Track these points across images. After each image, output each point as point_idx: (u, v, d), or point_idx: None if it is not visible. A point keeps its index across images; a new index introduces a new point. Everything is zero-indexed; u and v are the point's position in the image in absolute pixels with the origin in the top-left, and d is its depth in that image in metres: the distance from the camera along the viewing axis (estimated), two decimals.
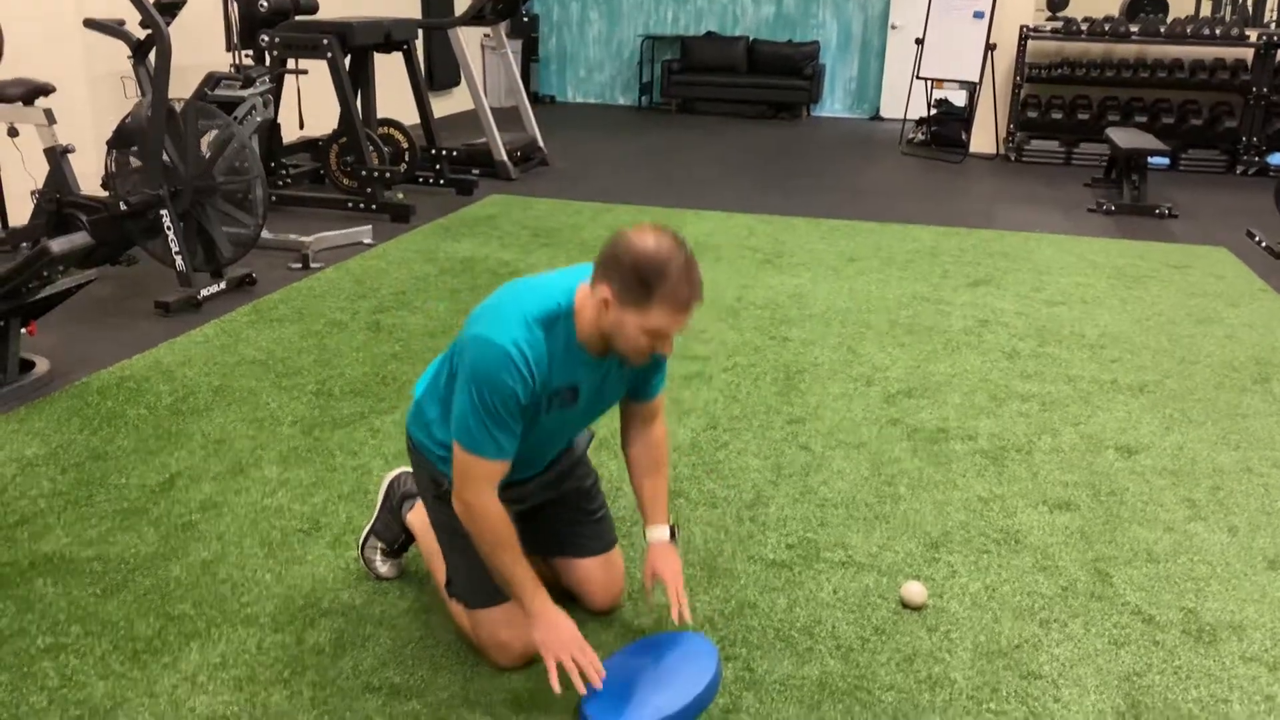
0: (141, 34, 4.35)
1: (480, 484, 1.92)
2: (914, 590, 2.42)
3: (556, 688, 1.93)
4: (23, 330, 3.50)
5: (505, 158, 7.28)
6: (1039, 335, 4.33)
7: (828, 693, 2.11)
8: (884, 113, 11.41)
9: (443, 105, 10.30)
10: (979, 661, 2.22)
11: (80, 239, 3.38)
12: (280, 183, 6.61)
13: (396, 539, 2.44)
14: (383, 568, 2.46)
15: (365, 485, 2.92)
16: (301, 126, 6.71)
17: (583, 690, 1.93)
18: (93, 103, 5.81)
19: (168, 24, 4.21)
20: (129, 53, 4.46)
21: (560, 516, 2.29)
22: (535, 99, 12.13)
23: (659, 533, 2.22)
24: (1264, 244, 5.72)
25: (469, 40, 9.12)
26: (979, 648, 2.27)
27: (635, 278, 1.79)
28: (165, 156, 4.32)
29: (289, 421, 3.32)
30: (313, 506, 2.80)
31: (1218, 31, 8.32)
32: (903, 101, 9.98)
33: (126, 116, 4.39)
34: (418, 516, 2.37)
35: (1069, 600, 2.46)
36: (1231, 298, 4.96)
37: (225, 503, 2.81)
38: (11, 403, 3.39)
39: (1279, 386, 3.83)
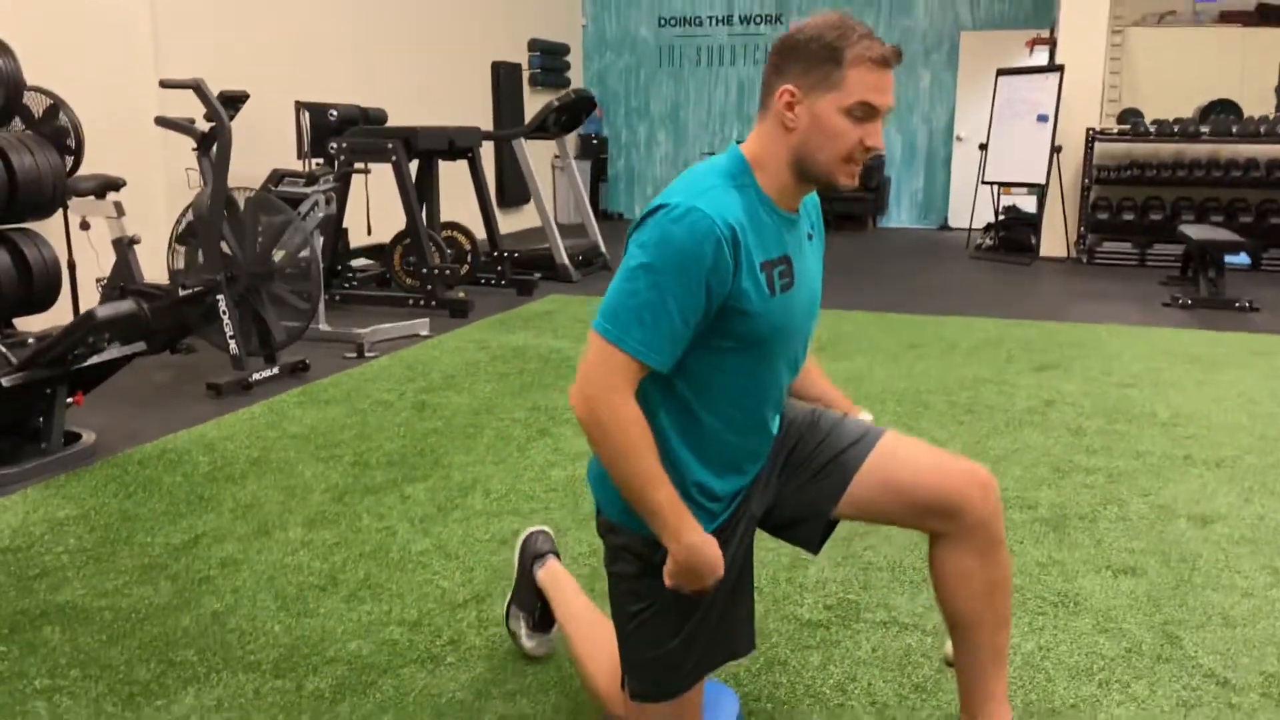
0: (207, 127, 4.52)
1: (613, 379, 1.52)
2: None
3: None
4: (70, 400, 3.55)
5: (566, 260, 7.36)
6: (1107, 414, 4.12)
7: None
8: (952, 222, 11.35)
9: (513, 221, 10.55)
10: None
11: (125, 306, 3.45)
12: (346, 285, 6.74)
13: (535, 608, 2.20)
14: (528, 643, 2.20)
15: (388, 545, 2.84)
16: (369, 233, 6.89)
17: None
18: (168, 196, 6.01)
19: (230, 117, 4.38)
20: (194, 146, 4.63)
21: (808, 456, 1.79)
22: (604, 216, 12.36)
23: (866, 417, 1.90)
24: None
25: (540, 160, 9.38)
26: (1029, 706, 2.06)
27: (819, 46, 1.51)
28: (224, 244, 4.44)
29: (321, 489, 3.28)
30: (332, 564, 2.72)
31: None
32: (970, 211, 9.91)
33: (187, 208, 4.54)
34: (549, 575, 2.17)
35: (1133, 661, 2.24)
36: None
37: (245, 560, 2.75)
38: (53, 470, 3.41)
39: None
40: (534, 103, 10.91)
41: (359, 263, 7.20)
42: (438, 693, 2.10)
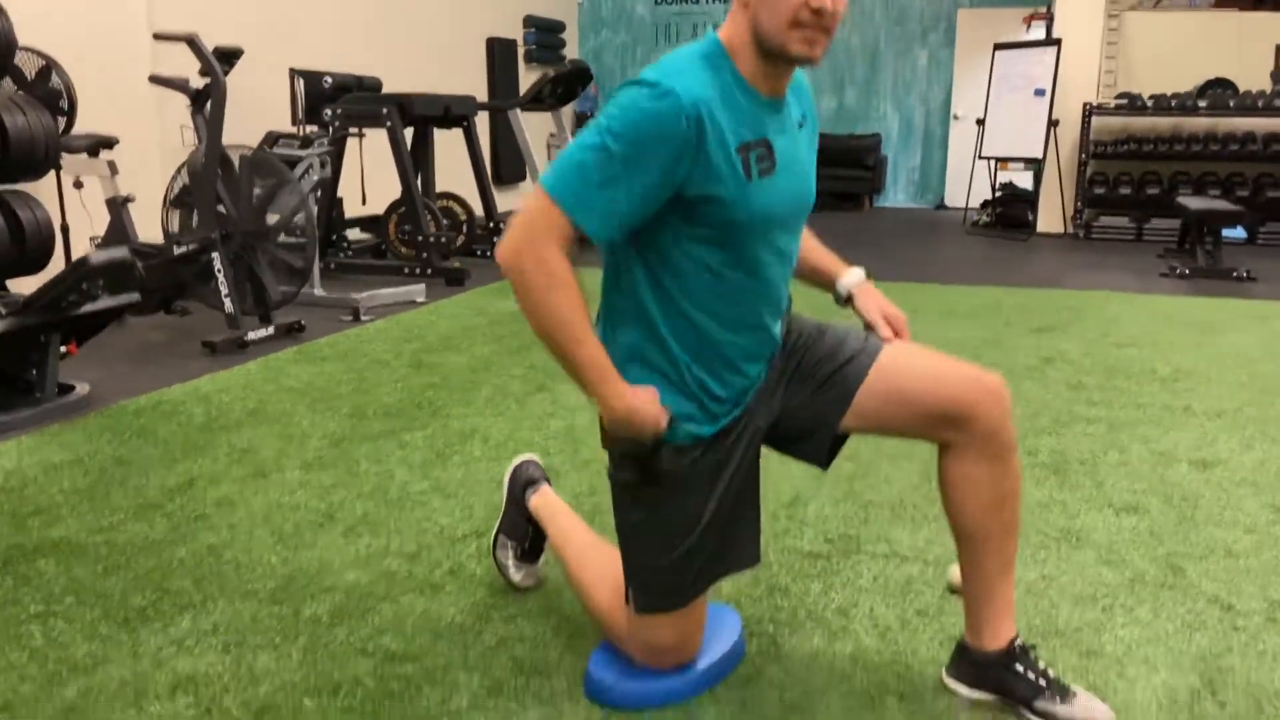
0: (201, 83, 4.48)
1: (544, 233, 1.49)
2: None
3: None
4: (63, 350, 3.52)
5: None
6: (1106, 371, 4.11)
7: (861, 666, 1.91)
8: (949, 202, 11.33)
9: (508, 200, 10.47)
10: (1032, 640, 1.99)
11: (119, 253, 3.42)
12: (341, 254, 6.71)
13: (526, 536, 2.16)
14: (516, 574, 2.16)
15: (386, 486, 2.82)
16: (364, 203, 6.85)
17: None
18: (161, 157, 5.95)
19: (225, 73, 4.34)
20: (188, 103, 4.59)
21: (814, 366, 1.75)
22: None
23: (855, 274, 1.84)
24: None
25: (536, 138, 9.31)
26: (1033, 629, 2.04)
27: None
28: (219, 204, 4.41)
29: (318, 436, 3.25)
30: (330, 503, 2.70)
31: None
32: (967, 191, 9.88)
33: (180, 169, 4.50)
34: (543, 501, 2.14)
35: (1136, 589, 2.22)
36: None
37: (242, 500, 2.72)
38: (47, 419, 3.38)
39: None
40: (529, 80, 10.86)
41: (354, 235, 7.17)
42: (437, 617, 2.09)
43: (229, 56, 4.55)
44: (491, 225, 7.05)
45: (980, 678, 1.78)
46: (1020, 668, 1.74)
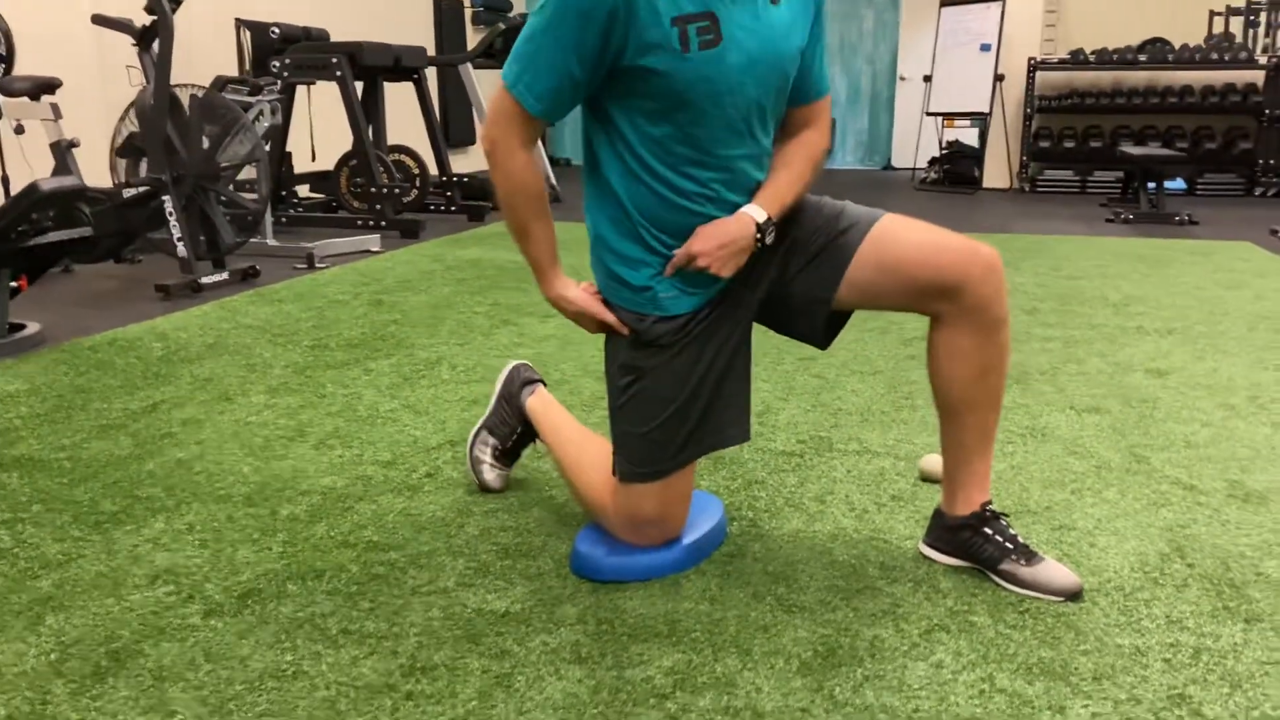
0: (147, 20, 4.37)
1: (508, 123, 1.60)
2: (936, 461, 2.24)
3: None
4: (14, 285, 3.43)
5: None
6: (1060, 299, 4.19)
7: (841, 542, 1.94)
8: (896, 163, 11.44)
9: (458, 164, 10.38)
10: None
11: (70, 181, 3.34)
12: (292, 210, 6.61)
13: (511, 434, 2.15)
14: (489, 474, 2.15)
15: (354, 406, 2.80)
16: (314, 158, 6.75)
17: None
18: (104, 101, 5.80)
19: (173, 10, 4.24)
20: (134, 42, 4.48)
21: (806, 240, 1.74)
22: (554, 161, 12.23)
23: (749, 209, 1.68)
24: None
25: (486, 96, 9.23)
26: (1005, 509, 2.09)
27: None
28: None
29: (281, 366, 3.22)
30: (299, 421, 2.67)
31: (1226, 57, 8.30)
32: (914, 152, 9.98)
33: (125, 114, 4.40)
34: (539, 402, 2.12)
35: (1102, 474, 2.28)
36: (1259, 271, 4.81)
37: (208, 420, 2.69)
38: None
39: None
40: (477, 41, 10.74)
41: (304, 192, 7.06)
42: (418, 513, 2.08)
43: None
44: (445, 179, 6.98)
45: (951, 542, 1.82)
46: (989, 531, 1.78)
